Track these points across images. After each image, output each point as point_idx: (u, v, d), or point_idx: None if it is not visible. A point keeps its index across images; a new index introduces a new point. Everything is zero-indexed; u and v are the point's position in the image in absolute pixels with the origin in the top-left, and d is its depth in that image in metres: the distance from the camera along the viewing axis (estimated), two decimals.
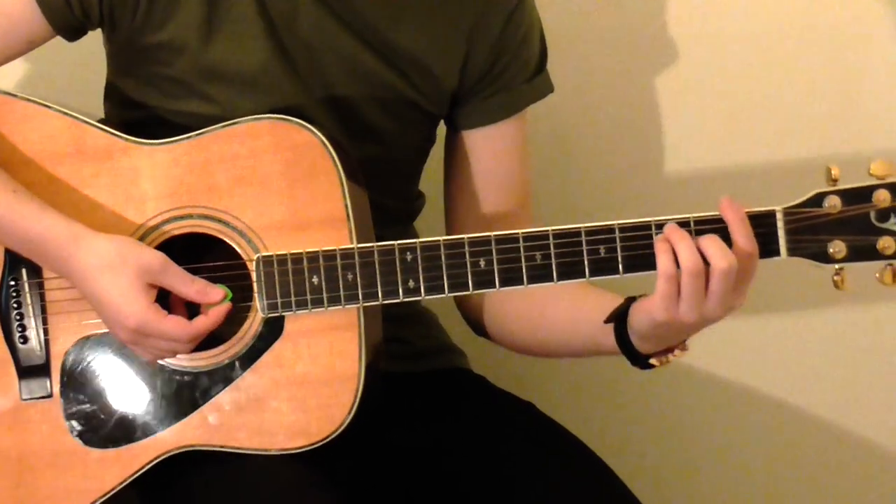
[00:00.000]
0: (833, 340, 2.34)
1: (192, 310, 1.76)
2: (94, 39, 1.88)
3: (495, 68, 1.89)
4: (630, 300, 1.73)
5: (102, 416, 1.77)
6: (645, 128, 2.27)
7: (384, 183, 1.87)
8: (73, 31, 1.84)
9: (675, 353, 1.75)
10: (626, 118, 2.27)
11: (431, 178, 1.98)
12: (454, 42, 1.86)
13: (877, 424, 2.37)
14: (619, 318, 1.74)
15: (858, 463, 2.38)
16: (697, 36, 2.24)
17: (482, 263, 1.71)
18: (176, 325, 1.71)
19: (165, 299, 1.74)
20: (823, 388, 2.36)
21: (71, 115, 1.78)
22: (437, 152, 1.97)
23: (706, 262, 1.64)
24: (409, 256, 1.72)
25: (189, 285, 1.73)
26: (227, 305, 1.73)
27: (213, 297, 1.73)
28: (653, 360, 1.75)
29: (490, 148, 1.92)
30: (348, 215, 1.74)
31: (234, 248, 1.75)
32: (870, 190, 1.65)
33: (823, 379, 2.36)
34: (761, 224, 1.66)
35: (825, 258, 1.67)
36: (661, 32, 2.23)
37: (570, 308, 1.82)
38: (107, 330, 1.76)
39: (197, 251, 1.77)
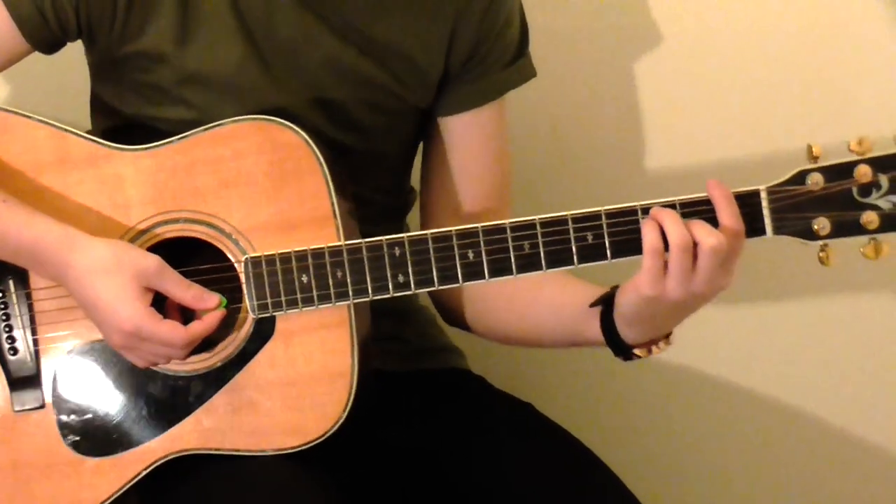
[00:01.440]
0: (832, 340, 2.35)
1: (185, 317, 1.75)
2: (80, 52, 1.88)
3: (478, 53, 1.86)
4: (616, 287, 1.73)
5: (96, 425, 1.77)
6: (634, 124, 2.26)
7: (373, 178, 1.87)
8: (50, 45, 1.83)
9: (659, 346, 1.75)
10: (617, 115, 2.26)
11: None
12: (438, 32, 1.84)
13: (875, 424, 2.37)
14: (605, 302, 1.74)
15: (857, 462, 2.38)
16: (686, 31, 2.23)
17: (471, 255, 1.71)
18: (172, 329, 1.70)
19: (158, 306, 1.73)
20: (821, 388, 2.36)
21: (52, 125, 1.78)
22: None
23: (694, 243, 1.64)
24: (397, 251, 1.72)
25: (185, 290, 1.72)
26: (221, 311, 1.73)
27: (210, 302, 1.73)
28: (637, 351, 1.74)
29: (469, 135, 1.90)
30: (335, 213, 1.73)
31: (221, 251, 1.75)
32: (851, 165, 1.66)
33: (822, 379, 2.36)
34: (746, 203, 1.67)
35: (810, 235, 1.67)
36: (651, 27, 2.22)
37: (554, 295, 1.82)
38: (97, 338, 1.75)
39: (184, 255, 1.76)
